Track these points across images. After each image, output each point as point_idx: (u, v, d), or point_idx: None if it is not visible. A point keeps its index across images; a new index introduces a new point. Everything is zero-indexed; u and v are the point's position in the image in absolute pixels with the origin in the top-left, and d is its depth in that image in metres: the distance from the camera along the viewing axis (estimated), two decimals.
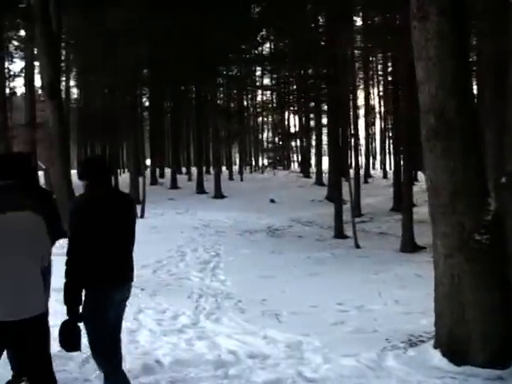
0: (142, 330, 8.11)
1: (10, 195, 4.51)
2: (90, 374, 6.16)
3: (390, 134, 53.35)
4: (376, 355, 6.75)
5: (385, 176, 51.18)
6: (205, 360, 6.81)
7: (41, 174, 35.31)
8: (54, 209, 5.99)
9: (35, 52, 33.17)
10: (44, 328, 4.60)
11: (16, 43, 44.03)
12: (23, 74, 42.27)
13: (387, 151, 61.62)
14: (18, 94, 54.86)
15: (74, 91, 57.58)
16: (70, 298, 4.78)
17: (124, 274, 5.16)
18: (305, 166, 54.27)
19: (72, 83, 55.05)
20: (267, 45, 51.67)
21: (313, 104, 42.98)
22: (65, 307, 4.80)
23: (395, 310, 9.04)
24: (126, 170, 61.68)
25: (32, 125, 37.28)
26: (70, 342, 4.81)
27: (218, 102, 46.43)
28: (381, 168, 62.69)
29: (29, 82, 40.16)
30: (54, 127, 16.60)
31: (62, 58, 35.14)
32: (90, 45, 34.85)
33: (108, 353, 5.04)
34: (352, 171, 27.15)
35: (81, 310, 4.85)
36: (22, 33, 41.27)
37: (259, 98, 65.77)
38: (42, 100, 29.77)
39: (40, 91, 39.39)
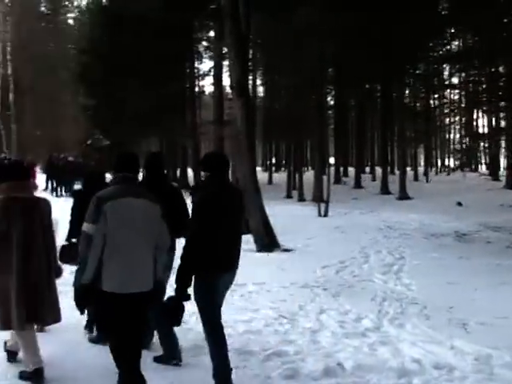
0: (324, 330, 8.07)
1: (131, 185, 5.35)
2: (272, 371, 6.19)
3: None
4: None
5: None
6: (388, 367, 6.64)
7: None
8: (179, 204, 6.82)
9: (223, 52, 34.26)
10: (148, 304, 5.27)
11: (205, 44, 45.71)
12: (212, 73, 43.84)
13: None
14: (207, 92, 57.14)
15: (260, 90, 58.87)
16: (181, 281, 5.31)
17: (231, 263, 5.71)
18: (494, 168, 52.21)
19: (258, 82, 56.37)
20: (456, 42, 50.34)
21: (503, 103, 41.36)
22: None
23: None
24: (309, 167, 62.36)
25: (219, 122, 38.60)
26: (172, 316, 5.44)
27: (405, 101, 45.58)
28: None
29: (217, 81, 41.63)
30: (241, 125, 16.83)
31: (250, 56, 35.92)
32: (277, 44, 35.38)
33: (216, 328, 5.63)
34: None
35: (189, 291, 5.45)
36: (211, 33, 42.90)
37: (447, 98, 64.11)
38: (229, 98, 30.69)
39: (228, 89, 40.77)
